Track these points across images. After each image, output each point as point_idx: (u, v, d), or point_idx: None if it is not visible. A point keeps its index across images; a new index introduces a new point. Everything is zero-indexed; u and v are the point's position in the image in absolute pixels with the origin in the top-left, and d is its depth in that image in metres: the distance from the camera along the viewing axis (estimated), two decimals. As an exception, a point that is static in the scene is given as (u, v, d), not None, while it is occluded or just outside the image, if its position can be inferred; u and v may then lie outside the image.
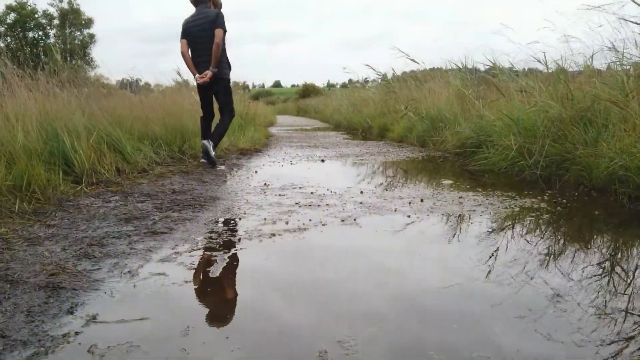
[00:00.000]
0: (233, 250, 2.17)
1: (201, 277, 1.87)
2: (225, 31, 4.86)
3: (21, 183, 2.97)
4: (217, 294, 1.76)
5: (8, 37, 33.48)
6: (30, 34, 35.21)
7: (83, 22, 36.97)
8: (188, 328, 1.43)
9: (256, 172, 4.77)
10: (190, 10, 5.06)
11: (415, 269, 2.00)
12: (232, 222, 2.69)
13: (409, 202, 3.13)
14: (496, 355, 1.27)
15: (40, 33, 35.41)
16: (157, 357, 1.28)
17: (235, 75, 27.28)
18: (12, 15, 34.24)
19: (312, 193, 3.51)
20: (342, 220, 2.68)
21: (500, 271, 1.88)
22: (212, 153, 4.92)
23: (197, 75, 4.90)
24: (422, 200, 3.18)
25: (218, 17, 4.82)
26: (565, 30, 4.55)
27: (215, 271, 1.92)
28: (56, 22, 36.04)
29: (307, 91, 39.66)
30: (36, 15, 35.05)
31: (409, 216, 2.78)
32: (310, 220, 2.69)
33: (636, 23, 3.77)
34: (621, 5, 3.74)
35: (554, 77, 4.66)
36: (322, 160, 5.66)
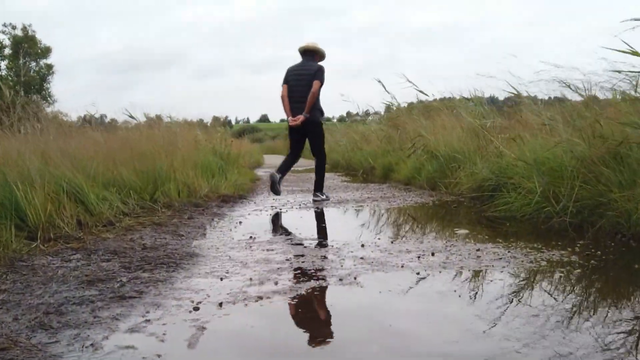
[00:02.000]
0: (214, 317, 2.19)
1: (177, 350, 1.88)
2: (322, 83, 6.42)
3: (-34, 240, 2.99)
4: (195, 369, 1.77)
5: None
6: (-22, 66, 35.74)
7: (39, 51, 37.57)
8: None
9: (240, 222, 4.80)
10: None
11: (427, 337, 2.02)
12: (213, 283, 2.71)
13: (418, 257, 3.17)
14: None
15: (-10, 64, 35.94)
16: None
17: (215, 110, 28.62)
18: (-43, 45, 34.87)
19: (305, 247, 3.54)
20: (340, 280, 2.71)
21: (525, 340, 1.89)
22: (278, 186, 6.53)
23: (290, 117, 6.49)
24: (433, 254, 3.22)
25: (318, 71, 6.42)
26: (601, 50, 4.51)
27: (194, 342, 1.93)
28: (8, 51, 36.64)
29: (299, 126, 40.08)
30: (-16, 44, 35.66)
31: (418, 273, 2.81)
32: (303, 279, 2.71)
33: None
34: None
35: (579, 108, 4.77)
36: (317, 208, 5.71)
